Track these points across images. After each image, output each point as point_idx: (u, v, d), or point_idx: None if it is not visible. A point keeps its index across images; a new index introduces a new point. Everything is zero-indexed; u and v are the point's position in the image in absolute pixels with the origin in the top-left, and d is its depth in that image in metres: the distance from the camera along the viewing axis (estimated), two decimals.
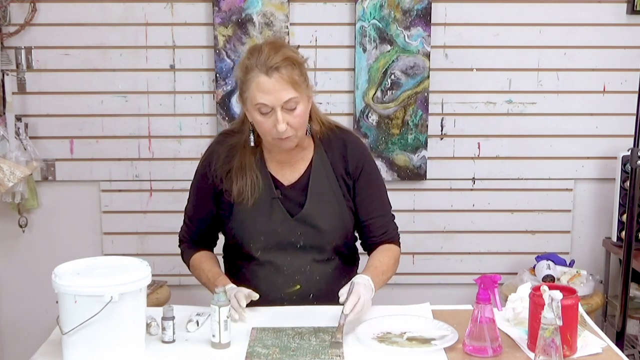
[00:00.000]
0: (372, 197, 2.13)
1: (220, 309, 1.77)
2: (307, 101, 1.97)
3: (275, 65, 1.89)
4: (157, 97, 3.34)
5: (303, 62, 1.98)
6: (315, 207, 2.06)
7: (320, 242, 2.08)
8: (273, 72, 1.89)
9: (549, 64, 3.33)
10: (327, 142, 2.10)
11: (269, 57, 1.90)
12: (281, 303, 2.07)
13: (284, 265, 2.08)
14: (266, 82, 1.89)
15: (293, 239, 2.06)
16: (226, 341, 1.80)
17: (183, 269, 3.39)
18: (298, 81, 1.92)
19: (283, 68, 1.90)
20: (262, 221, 2.05)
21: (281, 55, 1.91)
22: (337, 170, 2.09)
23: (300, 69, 1.95)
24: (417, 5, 3.23)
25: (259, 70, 1.90)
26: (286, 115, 1.92)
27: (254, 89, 1.91)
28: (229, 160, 2.07)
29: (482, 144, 3.39)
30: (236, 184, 2.04)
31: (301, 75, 1.94)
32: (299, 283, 2.08)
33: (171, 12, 3.28)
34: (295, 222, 2.05)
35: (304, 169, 2.09)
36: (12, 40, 3.26)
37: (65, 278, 1.66)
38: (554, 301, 1.61)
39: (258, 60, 1.91)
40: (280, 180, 2.08)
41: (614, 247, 3.28)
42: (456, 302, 2.43)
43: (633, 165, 2.51)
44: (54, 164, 3.37)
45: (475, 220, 3.45)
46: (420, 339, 1.83)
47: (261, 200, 2.05)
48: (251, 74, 1.91)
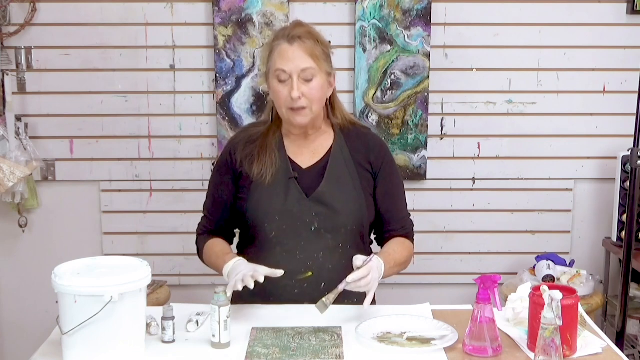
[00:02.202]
0: (394, 191, 2.17)
1: (220, 308, 1.77)
2: (326, 78, 2.05)
3: (298, 34, 2.01)
4: (157, 97, 3.35)
5: (327, 44, 2.07)
6: (332, 188, 2.08)
7: (335, 224, 2.08)
8: (295, 40, 2.00)
9: (549, 64, 3.33)
10: (347, 133, 2.16)
11: (293, 28, 2.03)
12: (292, 290, 2.07)
13: (297, 249, 2.07)
14: (287, 49, 2.00)
15: (308, 220, 2.07)
16: (226, 341, 1.80)
17: (183, 269, 3.44)
18: (318, 55, 2.01)
19: (305, 39, 2.01)
20: (278, 201, 2.07)
21: (305, 29, 2.04)
22: (357, 159, 2.13)
23: (323, 47, 2.05)
24: (417, 5, 3.23)
25: (282, 40, 2.02)
26: (302, 86, 2.00)
27: (275, 56, 2.02)
28: (250, 145, 2.12)
29: (482, 144, 3.40)
30: (257, 163, 2.09)
31: (323, 53, 2.03)
32: (311, 269, 2.07)
33: (171, 12, 3.29)
34: (311, 202, 2.07)
35: (322, 154, 2.13)
36: (12, 40, 3.27)
37: (65, 278, 1.66)
38: (554, 301, 1.61)
39: (283, 32, 2.04)
40: (298, 164, 2.11)
41: (614, 247, 3.28)
42: (456, 302, 2.44)
43: (633, 165, 2.51)
44: (54, 164, 3.37)
45: (475, 220, 3.45)
46: (420, 339, 1.83)
47: (278, 180, 2.08)
48: (275, 43, 2.03)
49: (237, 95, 3.29)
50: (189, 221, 3.32)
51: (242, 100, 3.30)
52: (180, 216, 3.40)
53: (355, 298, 2.12)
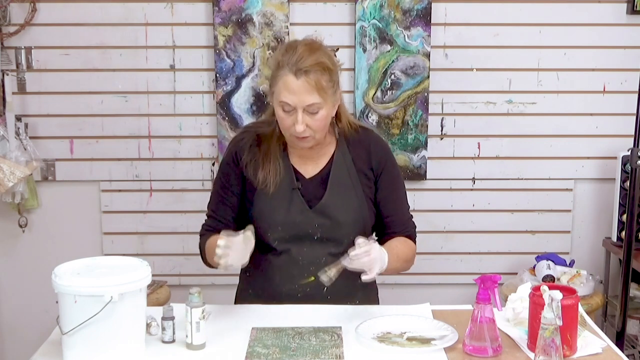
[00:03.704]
0: (395, 194, 2.16)
1: (192, 310, 1.77)
2: (332, 107, 2.00)
3: (304, 68, 1.92)
4: (157, 97, 3.34)
5: (335, 68, 2.00)
6: (334, 199, 2.07)
7: (337, 235, 2.08)
8: (302, 74, 1.92)
9: (549, 64, 3.33)
10: (349, 140, 2.14)
11: (301, 59, 1.93)
12: (295, 295, 2.07)
13: (299, 255, 2.07)
14: (293, 82, 1.93)
15: (310, 231, 2.07)
16: (199, 342, 1.79)
17: (183, 269, 3.44)
18: (325, 87, 1.94)
19: (312, 72, 1.92)
20: (281, 212, 2.06)
21: (313, 60, 1.93)
22: (359, 166, 2.12)
23: (331, 75, 1.97)
24: (417, 5, 3.23)
25: (288, 70, 1.93)
26: (307, 117, 1.95)
27: (280, 86, 1.95)
28: (254, 148, 2.10)
29: (482, 144, 3.39)
30: (262, 171, 2.07)
31: (330, 81, 1.96)
32: (314, 275, 2.06)
33: (171, 12, 3.28)
34: (313, 214, 2.06)
35: (325, 163, 2.12)
36: (12, 40, 3.26)
37: (65, 278, 1.66)
38: (554, 301, 1.61)
39: (290, 59, 1.94)
40: (301, 173, 2.10)
41: (614, 247, 3.28)
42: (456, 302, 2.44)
43: (633, 165, 2.51)
44: (54, 164, 3.37)
45: (475, 220, 3.45)
46: (420, 339, 1.83)
47: (281, 190, 2.07)
48: (281, 72, 1.95)
49: (237, 95, 3.29)
50: (189, 221, 3.33)
51: (242, 100, 3.30)
52: (180, 216, 3.40)
53: (358, 300, 2.12)
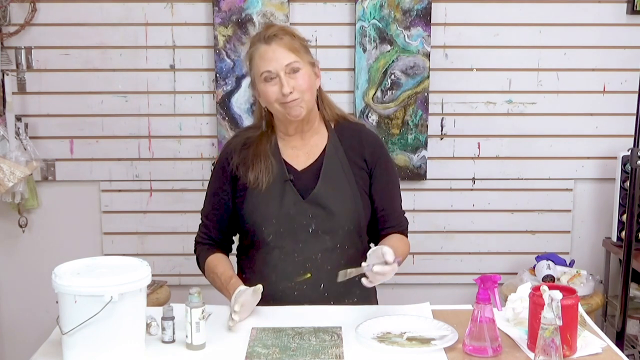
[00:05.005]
0: (390, 188, 2.17)
1: (192, 310, 1.77)
2: (310, 68, 2.06)
3: (272, 33, 2.03)
4: (157, 97, 3.35)
5: (304, 41, 2.08)
6: (327, 189, 2.08)
7: (332, 225, 2.07)
8: (272, 39, 2.02)
9: (549, 64, 3.33)
10: (340, 131, 2.16)
11: (267, 29, 2.06)
12: (292, 292, 2.07)
13: (294, 251, 2.07)
14: (267, 50, 2.02)
15: (305, 222, 2.07)
16: (199, 343, 1.79)
17: (183, 269, 3.44)
18: (298, 47, 2.04)
19: (281, 35, 2.03)
20: (275, 204, 2.07)
21: (279, 27, 2.07)
22: (351, 157, 2.12)
23: (300, 40, 2.07)
24: (417, 5, 3.23)
25: (259, 43, 2.04)
26: (290, 80, 2.01)
27: (257, 60, 2.04)
28: (245, 150, 2.13)
29: (482, 144, 3.39)
30: (252, 171, 2.09)
31: (301, 45, 2.06)
32: (310, 271, 2.07)
33: (171, 12, 3.29)
34: (307, 204, 2.07)
35: (317, 155, 2.13)
36: (12, 40, 3.27)
37: (65, 278, 1.66)
38: (554, 301, 1.61)
39: (258, 36, 2.07)
40: (293, 166, 2.11)
41: (614, 247, 3.28)
42: (456, 302, 2.44)
43: (633, 165, 2.51)
44: (54, 164, 3.37)
45: (475, 220, 3.45)
46: (420, 339, 1.83)
47: (274, 184, 2.08)
48: (253, 48, 2.06)
49: (237, 95, 3.29)
50: (189, 221, 3.33)
51: (242, 100, 3.30)
52: (180, 216, 3.40)
53: (356, 298, 2.12)
